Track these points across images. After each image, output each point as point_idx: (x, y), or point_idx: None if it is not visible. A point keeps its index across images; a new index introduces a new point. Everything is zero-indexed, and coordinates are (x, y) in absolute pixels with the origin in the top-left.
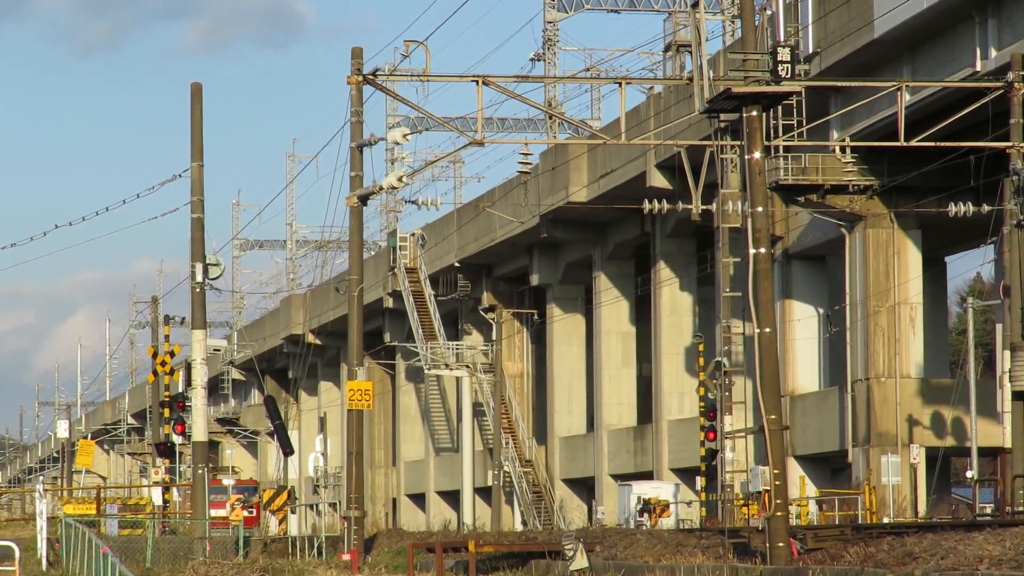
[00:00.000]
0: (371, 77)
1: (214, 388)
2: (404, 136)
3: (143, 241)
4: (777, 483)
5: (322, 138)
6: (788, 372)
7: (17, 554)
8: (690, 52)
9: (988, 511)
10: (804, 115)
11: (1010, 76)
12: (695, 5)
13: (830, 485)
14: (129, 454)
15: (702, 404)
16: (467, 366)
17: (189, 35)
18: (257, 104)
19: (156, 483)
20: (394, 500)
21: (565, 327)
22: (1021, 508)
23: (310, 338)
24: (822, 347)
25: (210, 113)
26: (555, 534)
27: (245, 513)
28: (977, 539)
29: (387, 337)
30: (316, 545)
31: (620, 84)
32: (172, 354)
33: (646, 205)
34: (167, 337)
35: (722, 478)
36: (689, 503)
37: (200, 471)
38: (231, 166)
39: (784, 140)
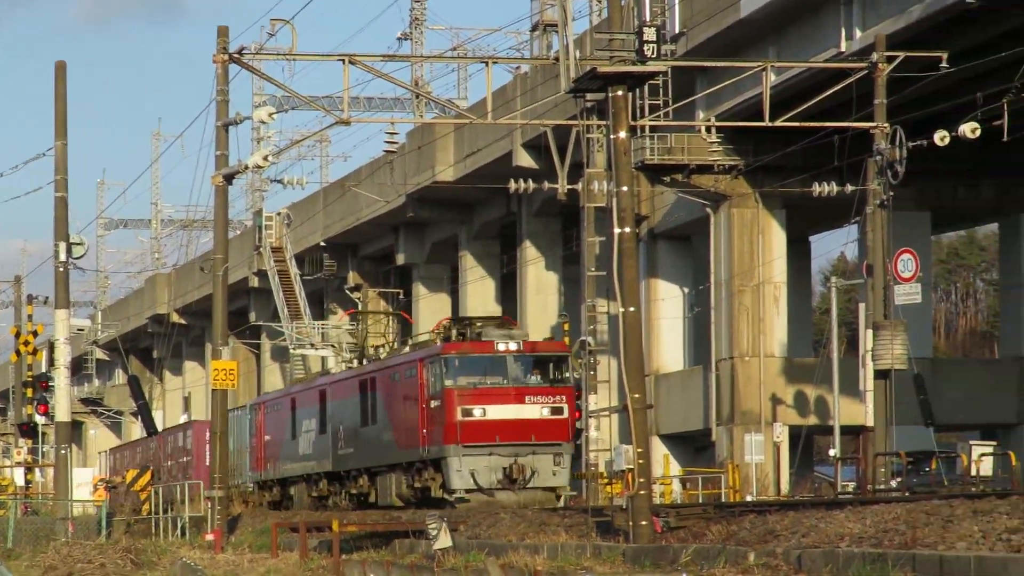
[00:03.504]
0: (237, 56)
1: (78, 368)
2: (270, 115)
3: (7, 221)
4: (640, 462)
5: (192, 118)
6: (653, 351)
7: None
8: (557, 32)
9: (850, 489)
10: (670, 95)
11: (874, 57)
12: None
13: (694, 464)
14: None
15: None
16: (332, 345)
17: (71, 13)
18: (129, 84)
19: (18, 463)
20: None
21: (431, 306)
22: (882, 486)
23: (175, 318)
24: (687, 326)
25: (83, 92)
26: (419, 513)
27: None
28: (838, 517)
29: (252, 316)
30: (180, 525)
31: (487, 63)
32: (35, 334)
33: (512, 185)
34: (30, 317)
35: (586, 457)
36: None
37: (63, 451)
38: (101, 146)
39: (650, 120)
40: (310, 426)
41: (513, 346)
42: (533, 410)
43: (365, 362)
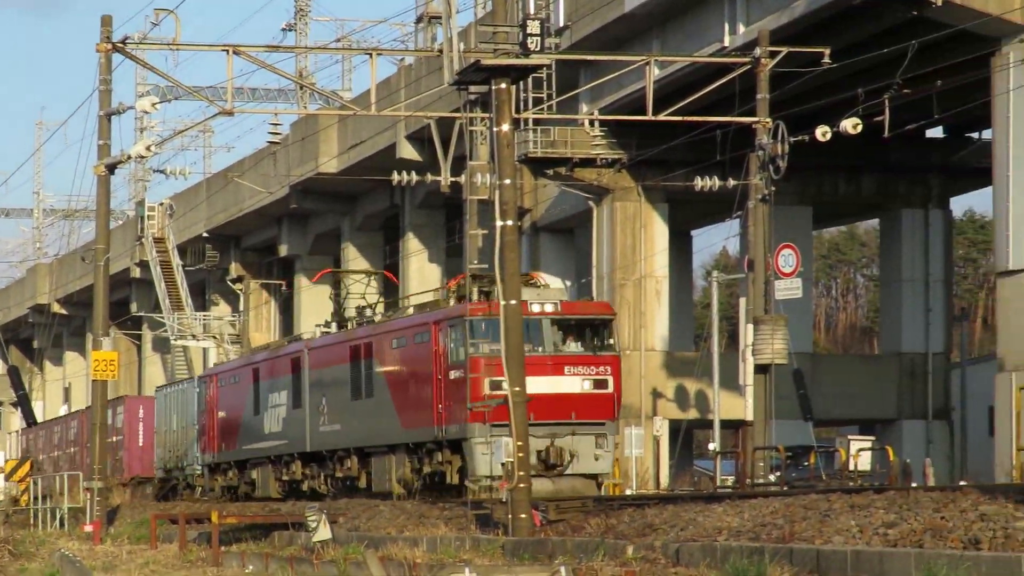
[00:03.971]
0: (120, 45)
1: None
2: (153, 105)
3: None
4: (520, 455)
5: (76, 106)
6: None
7: None
8: (441, 24)
9: (729, 483)
10: (554, 88)
11: (757, 52)
12: None
13: None
14: None
15: None
16: (214, 336)
17: None
18: (12, 72)
19: None
20: None
21: (313, 298)
22: (761, 480)
23: (56, 308)
24: None
25: None
26: (299, 506)
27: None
28: (717, 511)
29: (134, 307)
30: (59, 516)
31: (371, 55)
32: None
33: (395, 177)
34: None
35: None
36: None
37: None
38: None
39: (534, 113)
40: (279, 399)
41: (549, 307)
42: (573, 383)
43: (351, 326)
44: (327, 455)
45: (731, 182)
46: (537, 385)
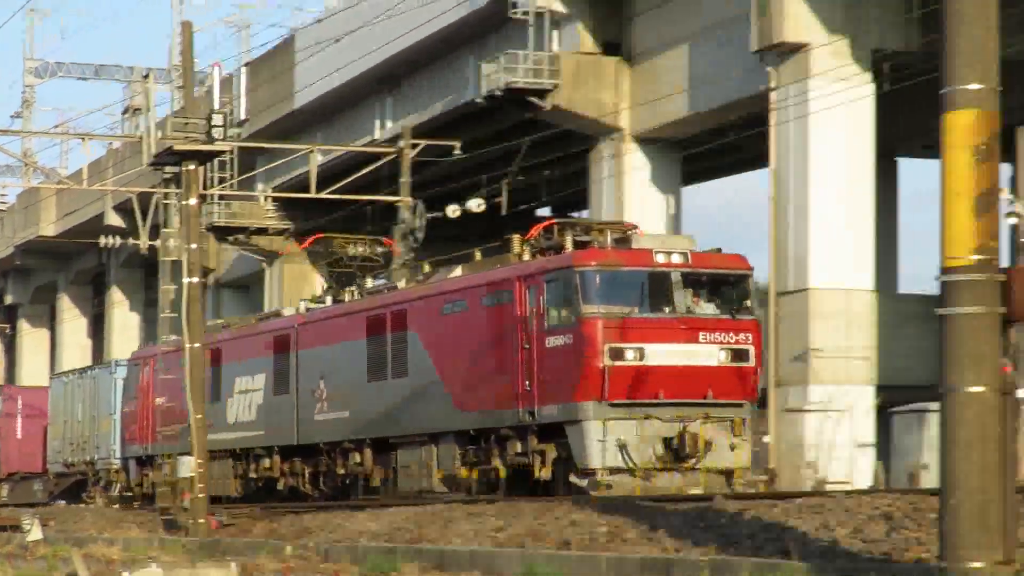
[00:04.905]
0: None
1: None
2: None
3: None
4: (200, 471)
5: None
6: None
7: None
8: (143, 115)
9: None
10: (236, 169)
11: (401, 143)
12: (146, 77)
13: None
14: None
15: None
16: None
17: None
18: None
19: None
20: None
21: (33, 340)
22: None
23: None
24: None
25: None
26: (16, 511)
27: None
28: (360, 517)
29: None
30: None
31: (83, 139)
32: None
33: (103, 240)
34: None
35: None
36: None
37: None
38: None
39: (218, 189)
40: (252, 384)
41: (677, 258)
42: (709, 353)
43: (349, 297)
44: (325, 448)
45: (379, 248)
46: (666, 355)
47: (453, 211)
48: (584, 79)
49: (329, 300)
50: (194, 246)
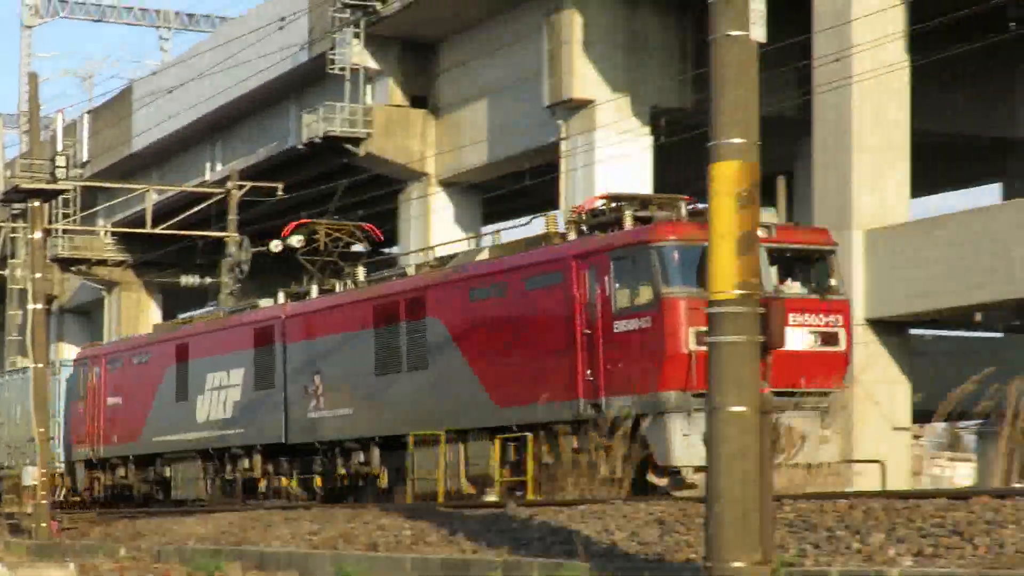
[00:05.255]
0: None
1: None
2: None
3: None
4: (44, 479)
5: None
6: None
7: None
8: None
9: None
10: (79, 206)
11: (229, 184)
12: None
13: None
14: None
15: None
16: None
17: None
18: None
19: None
20: None
21: None
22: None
23: None
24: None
25: None
26: None
27: None
28: (189, 522)
29: None
30: None
31: None
32: None
33: None
34: None
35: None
36: None
37: None
38: None
39: (62, 224)
40: (227, 380)
41: (761, 231)
42: (801, 337)
43: (340, 287)
44: (320, 448)
45: (208, 280)
46: None
47: (275, 246)
48: (394, 129)
49: (315, 291)
50: (39, 275)
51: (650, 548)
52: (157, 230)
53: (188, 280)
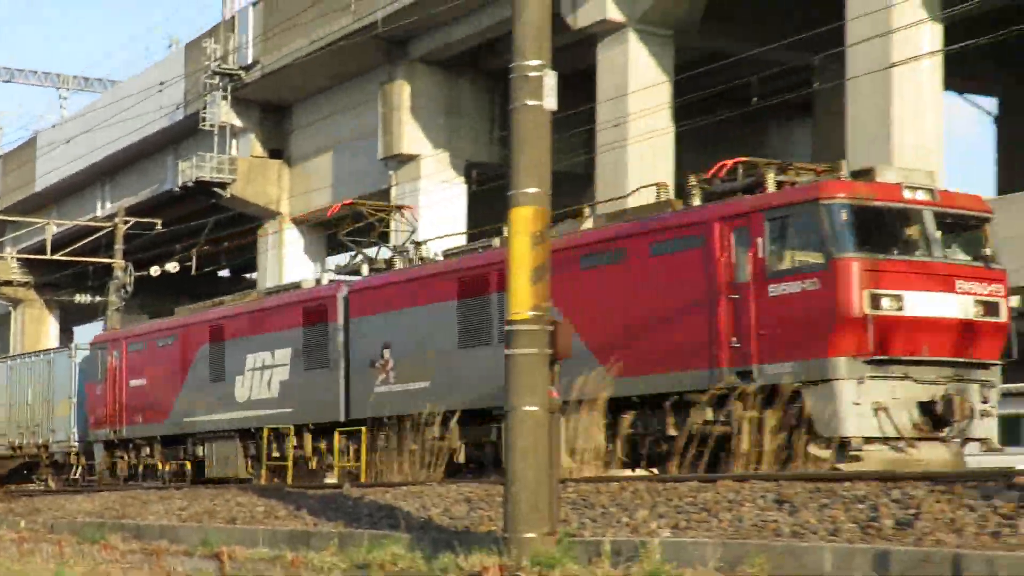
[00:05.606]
0: None
1: None
2: None
3: None
4: None
5: None
6: None
7: None
8: None
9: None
10: None
11: (116, 220)
12: None
13: None
14: None
15: None
16: None
17: None
18: None
19: None
20: None
21: None
22: (109, 481)
23: None
24: None
25: None
26: None
27: None
28: (78, 499)
29: None
30: None
31: None
32: None
33: None
34: None
35: None
36: None
37: None
38: None
39: None
40: (273, 360)
41: (923, 195)
42: (965, 305)
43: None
44: (387, 421)
45: (99, 298)
46: (925, 305)
47: (155, 271)
48: (254, 176)
49: (365, 269)
50: None
51: (459, 522)
52: (56, 256)
53: (82, 299)
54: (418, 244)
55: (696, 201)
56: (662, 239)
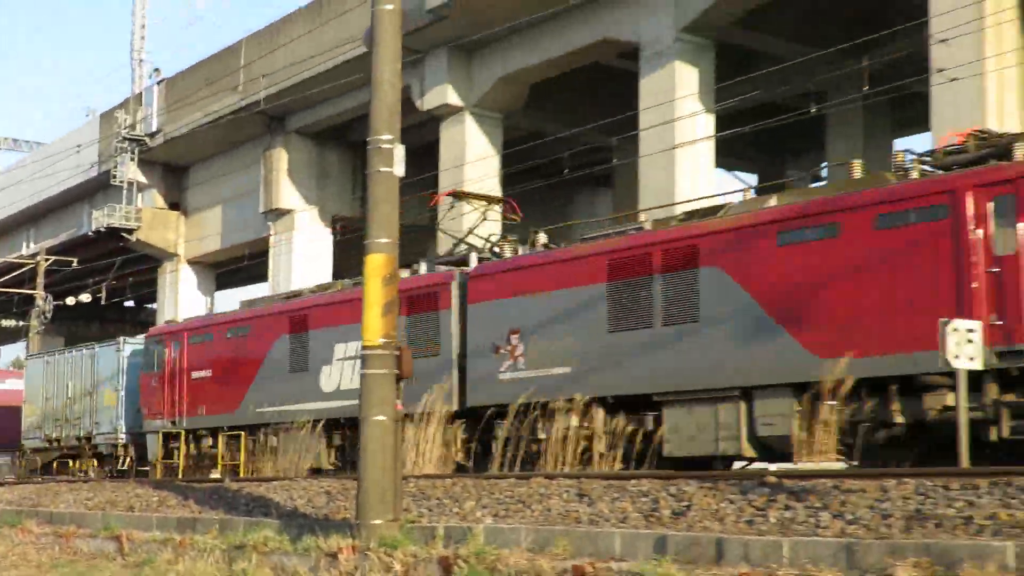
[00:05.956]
0: None
1: None
2: None
3: None
4: None
5: None
6: None
7: None
8: None
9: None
10: None
11: (38, 258)
12: None
13: None
14: None
15: None
16: None
17: None
18: None
19: None
20: None
21: None
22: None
23: None
24: None
25: None
26: None
27: None
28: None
29: None
30: None
31: None
32: None
33: None
34: None
35: None
36: None
37: None
38: None
39: None
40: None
41: None
42: None
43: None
44: (522, 410)
45: (20, 323)
46: None
47: (71, 301)
48: (157, 224)
49: (474, 258)
50: None
51: (320, 510)
52: None
53: (8, 323)
54: (535, 231)
55: (914, 175)
56: (891, 211)
